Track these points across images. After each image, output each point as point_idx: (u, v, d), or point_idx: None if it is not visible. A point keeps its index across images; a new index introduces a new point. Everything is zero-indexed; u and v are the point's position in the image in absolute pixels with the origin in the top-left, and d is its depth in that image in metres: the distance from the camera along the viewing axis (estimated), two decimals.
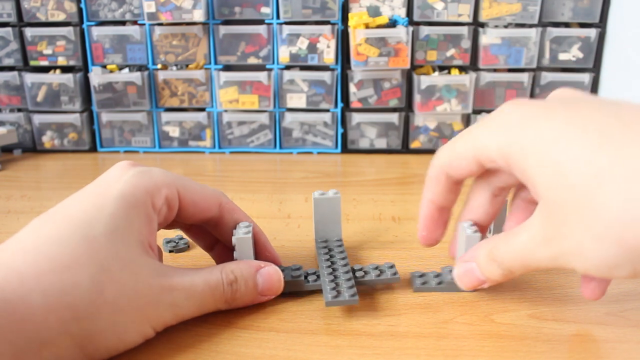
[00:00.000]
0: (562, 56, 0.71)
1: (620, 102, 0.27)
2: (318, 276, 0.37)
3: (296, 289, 0.36)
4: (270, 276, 0.34)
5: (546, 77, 0.71)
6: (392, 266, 0.37)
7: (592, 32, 0.70)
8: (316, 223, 0.42)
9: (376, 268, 0.37)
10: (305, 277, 0.36)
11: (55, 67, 0.73)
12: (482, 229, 0.37)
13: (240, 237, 0.35)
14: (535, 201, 0.30)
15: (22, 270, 0.26)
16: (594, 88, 0.72)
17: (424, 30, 0.70)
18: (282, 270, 0.36)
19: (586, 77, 0.71)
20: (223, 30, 0.70)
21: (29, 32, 0.71)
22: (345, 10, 0.70)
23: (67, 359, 0.26)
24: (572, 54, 0.71)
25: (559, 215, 0.27)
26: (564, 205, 0.26)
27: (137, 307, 0.28)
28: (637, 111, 0.26)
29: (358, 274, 0.37)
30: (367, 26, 0.67)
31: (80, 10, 0.71)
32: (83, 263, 0.27)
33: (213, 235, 0.38)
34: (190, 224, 0.37)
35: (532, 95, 0.73)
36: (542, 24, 0.70)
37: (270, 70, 0.72)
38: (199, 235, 0.39)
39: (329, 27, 0.69)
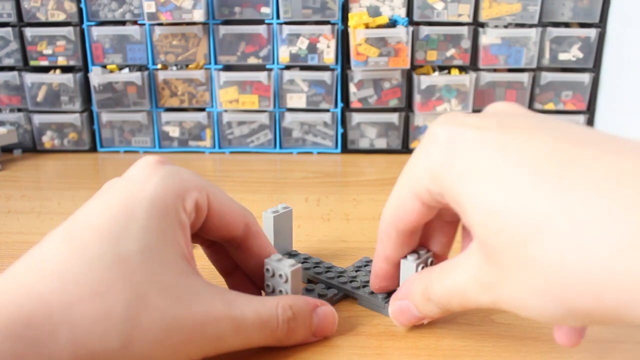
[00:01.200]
0: (562, 56, 0.71)
1: (562, 124, 0.24)
2: (330, 286, 0.37)
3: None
4: (327, 317, 0.31)
5: (546, 77, 0.71)
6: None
7: (592, 32, 0.70)
8: (275, 239, 0.40)
9: (366, 265, 0.39)
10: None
11: (55, 67, 0.73)
12: (440, 259, 0.33)
13: (294, 269, 0.31)
14: None
15: (50, 300, 0.23)
16: (594, 88, 0.72)
17: (424, 30, 0.70)
18: (309, 292, 0.35)
19: (586, 77, 0.71)
20: (223, 30, 0.70)
21: (29, 32, 0.71)
22: (345, 10, 0.70)
23: None
24: (572, 54, 0.71)
25: (496, 260, 0.24)
26: (500, 250, 0.23)
27: (177, 340, 0.25)
28: (576, 140, 0.22)
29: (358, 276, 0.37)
30: (367, 26, 0.67)
31: (80, 10, 0.71)
32: (117, 289, 0.24)
33: (232, 259, 0.34)
34: (212, 240, 0.33)
35: (532, 95, 0.73)
36: (542, 24, 0.70)
37: (270, 70, 0.72)
38: (218, 257, 0.35)
39: (329, 27, 0.69)
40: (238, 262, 0.34)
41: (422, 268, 0.32)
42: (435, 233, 0.32)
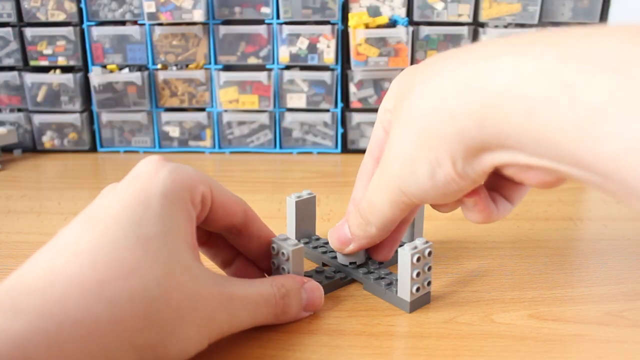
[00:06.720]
0: None
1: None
2: (340, 272, 0.39)
3: (335, 288, 0.38)
4: (313, 292, 0.34)
5: None
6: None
7: None
8: (297, 224, 0.42)
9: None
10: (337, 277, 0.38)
11: (55, 67, 0.73)
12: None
13: (295, 248, 0.34)
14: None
15: (82, 278, 0.24)
16: None
17: (424, 30, 0.70)
18: (319, 273, 0.38)
19: None
20: (223, 30, 0.70)
21: (29, 32, 0.71)
22: (345, 10, 0.70)
23: None
24: None
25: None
26: (397, 111, 0.31)
27: (200, 315, 0.27)
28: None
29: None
30: (367, 26, 0.67)
31: (80, 10, 0.71)
32: (147, 267, 0.25)
33: (232, 248, 0.36)
34: (213, 230, 0.34)
35: None
36: (542, 24, 0.70)
37: (270, 70, 0.72)
38: (217, 250, 0.36)
39: (329, 27, 0.69)
40: (240, 248, 0.35)
41: (418, 259, 0.33)
42: None
